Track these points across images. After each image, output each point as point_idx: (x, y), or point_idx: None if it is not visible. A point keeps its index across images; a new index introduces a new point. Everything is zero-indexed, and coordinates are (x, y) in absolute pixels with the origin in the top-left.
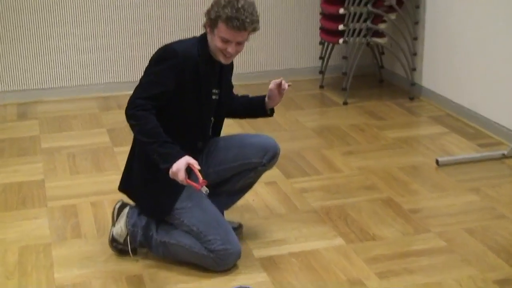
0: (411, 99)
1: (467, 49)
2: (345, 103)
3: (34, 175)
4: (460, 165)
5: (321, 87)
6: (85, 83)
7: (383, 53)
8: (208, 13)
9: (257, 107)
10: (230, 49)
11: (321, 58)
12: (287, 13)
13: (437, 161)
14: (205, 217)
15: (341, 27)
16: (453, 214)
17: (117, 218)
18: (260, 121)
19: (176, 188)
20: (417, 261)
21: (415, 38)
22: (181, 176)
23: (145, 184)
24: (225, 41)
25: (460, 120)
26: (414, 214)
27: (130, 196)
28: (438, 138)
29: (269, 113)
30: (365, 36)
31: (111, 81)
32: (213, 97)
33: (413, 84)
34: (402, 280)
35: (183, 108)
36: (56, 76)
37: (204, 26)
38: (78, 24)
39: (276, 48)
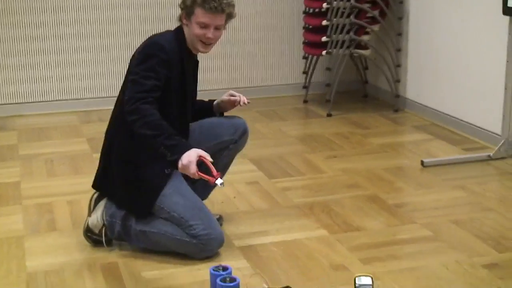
0: (396, 111)
1: (450, 59)
2: (329, 115)
3: (10, 178)
4: (445, 166)
5: (305, 101)
6: (65, 98)
7: (367, 68)
8: (183, 2)
9: (206, 111)
10: (210, 34)
11: (305, 72)
12: (271, 30)
13: (422, 162)
14: (186, 202)
15: (324, 38)
16: (440, 208)
17: (93, 209)
18: None
19: (157, 185)
20: (402, 248)
21: (399, 50)
22: (193, 169)
23: (126, 184)
24: (203, 26)
25: (446, 128)
26: (399, 208)
27: (106, 194)
28: (423, 144)
29: (218, 116)
30: (348, 47)
31: (92, 96)
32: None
33: (397, 96)
34: (387, 265)
35: (168, 103)
36: (35, 91)
37: (179, 18)
38: (59, 38)
39: (261, 65)
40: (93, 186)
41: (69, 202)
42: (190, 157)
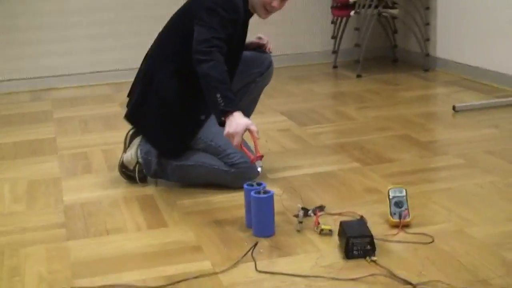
0: (426, 70)
1: (478, 13)
2: (359, 76)
3: (45, 135)
4: (478, 111)
5: (335, 67)
6: (96, 70)
7: (396, 31)
8: None
9: None
10: (276, 2)
11: (334, 37)
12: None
13: (454, 107)
14: (222, 132)
15: None
16: (473, 142)
17: (128, 145)
18: (269, 88)
19: (191, 130)
20: (436, 174)
21: (427, 8)
22: (237, 141)
23: (160, 123)
24: None
25: (477, 82)
26: (431, 144)
27: (138, 127)
28: (455, 94)
29: None
30: (376, 7)
31: (124, 67)
32: None
33: (427, 54)
34: (421, 187)
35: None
36: (69, 63)
37: None
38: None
39: (289, 33)
40: (125, 117)
41: (104, 150)
42: (238, 127)
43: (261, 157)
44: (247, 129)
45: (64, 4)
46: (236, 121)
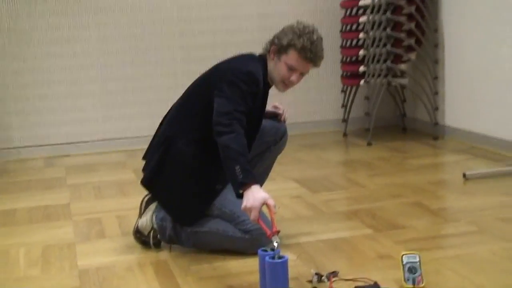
0: (435, 138)
1: (486, 83)
2: (369, 144)
3: (59, 201)
4: (488, 178)
5: (345, 135)
6: (110, 137)
7: (405, 100)
8: (278, 38)
9: None
10: (294, 77)
11: (344, 106)
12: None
13: (464, 175)
14: (236, 199)
15: (362, 68)
16: (485, 209)
17: (144, 211)
18: (281, 155)
19: (206, 200)
20: (449, 240)
21: (436, 77)
22: (255, 215)
23: (176, 190)
24: (292, 69)
25: (487, 150)
26: (443, 210)
27: (154, 194)
28: (464, 162)
29: None
30: (385, 76)
31: (137, 135)
32: None
33: (436, 123)
34: (433, 254)
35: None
36: (82, 131)
37: (268, 51)
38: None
39: (300, 102)
40: (142, 183)
41: (118, 216)
42: (255, 201)
43: (277, 232)
44: (265, 203)
45: (77, 74)
46: (254, 196)
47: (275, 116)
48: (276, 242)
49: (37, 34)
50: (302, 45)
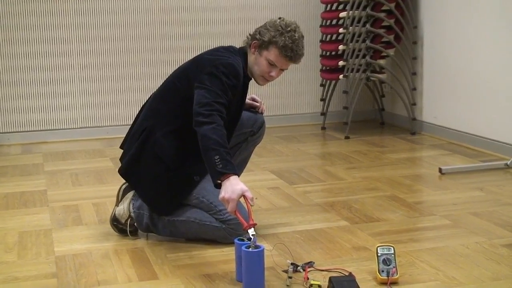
0: (413, 134)
1: (464, 80)
2: (347, 137)
3: (36, 187)
4: (463, 174)
5: (323, 128)
6: (88, 125)
7: (383, 95)
8: (260, 34)
9: None
10: (274, 73)
11: (322, 99)
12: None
13: (440, 170)
14: (214, 189)
15: (341, 63)
16: (458, 204)
17: (121, 199)
18: (259, 147)
19: (183, 190)
20: (423, 233)
21: (414, 73)
22: (232, 207)
23: (153, 180)
24: (271, 64)
25: (463, 146)
26: (418, 204)
27: (132, 183)
28: (441, 158)
29: None
30: (364, 71)
31: (115, 124)
32: None
33: (414, 119)
34: (408, 246)
35: None
36: (59, 119)
37: (249, 44)
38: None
39: (279, 95)
40: (119, 172)
41: (95, 204)
42: (233, 193)
43: (254, 225)
44: (242, 195)
45: (57, 59)
46: (233, 187)
47: (253, 108)
48: (252, 234)
49: (13, 19)
50: (283, 43)
